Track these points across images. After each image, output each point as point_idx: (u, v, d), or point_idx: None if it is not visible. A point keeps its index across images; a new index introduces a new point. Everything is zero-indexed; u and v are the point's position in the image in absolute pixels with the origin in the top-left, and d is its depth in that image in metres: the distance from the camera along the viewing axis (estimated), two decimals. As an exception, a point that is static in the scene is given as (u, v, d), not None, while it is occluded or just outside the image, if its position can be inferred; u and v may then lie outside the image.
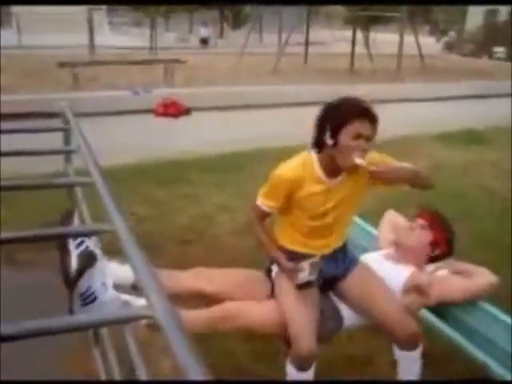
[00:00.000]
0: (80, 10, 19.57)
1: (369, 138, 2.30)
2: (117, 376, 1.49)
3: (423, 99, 12.92)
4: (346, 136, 2.29)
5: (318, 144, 2.40)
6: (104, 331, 1.70)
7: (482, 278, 2.76)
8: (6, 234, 1.25)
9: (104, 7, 29.85)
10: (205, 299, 2.67)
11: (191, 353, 0.81)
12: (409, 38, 18.16)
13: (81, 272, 2.17)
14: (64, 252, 2.20)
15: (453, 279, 2.81)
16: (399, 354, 2.63)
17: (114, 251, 1.52)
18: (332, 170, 2.41)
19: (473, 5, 29.76)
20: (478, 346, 2.62)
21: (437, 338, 2.82)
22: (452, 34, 34.21)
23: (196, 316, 2.54)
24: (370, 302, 2.58)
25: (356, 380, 2.88)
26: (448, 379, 2.85)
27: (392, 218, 3.27)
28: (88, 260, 2.18)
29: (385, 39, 26.08)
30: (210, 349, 2.82)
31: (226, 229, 4.81)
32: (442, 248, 2.92)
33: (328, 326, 2.61)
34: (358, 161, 2.29)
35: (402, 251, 2.91)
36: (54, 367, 2.81)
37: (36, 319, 0.92)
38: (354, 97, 2.40)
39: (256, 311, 2.59)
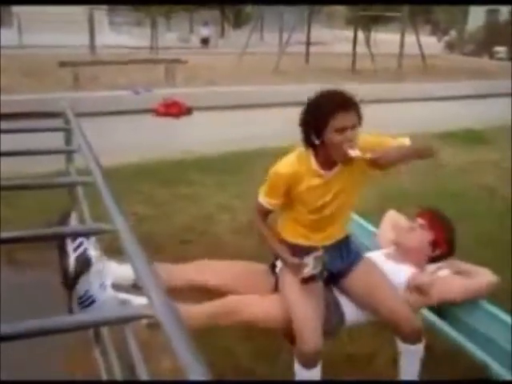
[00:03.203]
0: (81, 10, 19.55)
1: (354, 126, 2.30)
2: (117, 375, 1.49)
3: (424, 99, 12.90)
4: (330, 133, 2.29)
5: (308, 143, 2.42)
6: (104, 330, 1.70)
7: (483, 277, 2.77)
8: (6, 234, 1.25)
9: (105, 7, 29.81)
10: (207, 292, 2.65)
11: (192, 352, 0.81)
12: (410, 38, 18.14)
13: (77, 277, 2.18)
14: (62, 254, 2.21)
15: (454, 279, 2.81)
16: (403, 346, 2.62)
17: (115, 250, 1.52)
18: (328, 162, 2.43)
19: (473, 5, 29.70)
20: (479, 345, 2.62)
21: (437, 337, 2.83)
22: (453, 33, 34.14)
23: (197, 310, 2.53)
24: (375, 297, 2.58)
25: (356, 380, 2.88)
26: (448, 379, 2.85)
27: (393, 217, 3.27)
28: (83, 266, 2.18)
29: (386, 39, 26.05)
30: (210, 347, 2.81)
31: (227, 228, 4.82)
32: (443, 248, 2.91)
33: (332, 320, 2.60)
34: (353, 153, 2.28)
35: (402, 251, 2.90)
36: (54, 367, 2.81)
37: (36, 319, 0.92)
38: (330, 90, 2.38)
39: (258, 305, 2.57)
